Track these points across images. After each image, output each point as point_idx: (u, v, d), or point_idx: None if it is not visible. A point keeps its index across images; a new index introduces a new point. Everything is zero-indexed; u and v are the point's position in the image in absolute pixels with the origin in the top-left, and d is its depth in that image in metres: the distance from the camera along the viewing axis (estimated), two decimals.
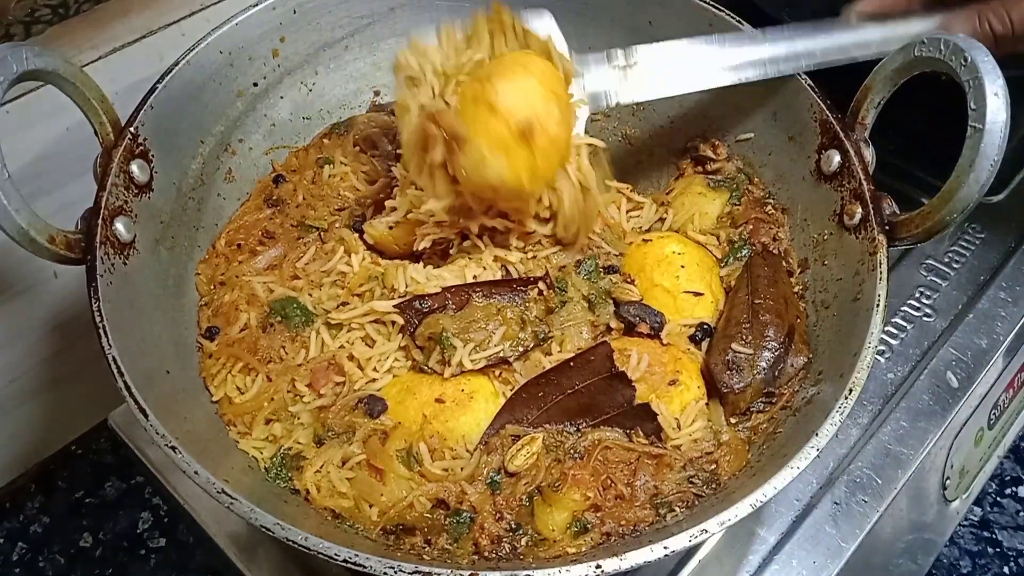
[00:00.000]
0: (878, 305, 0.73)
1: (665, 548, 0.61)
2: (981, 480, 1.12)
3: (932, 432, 0.94)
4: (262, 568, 0.85)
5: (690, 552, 0.83)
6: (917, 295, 1.06)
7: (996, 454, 1.14)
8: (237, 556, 0.86)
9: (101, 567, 1.13)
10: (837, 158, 0.83)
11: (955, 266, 1.09)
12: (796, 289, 0.86)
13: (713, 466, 0.75)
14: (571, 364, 0.77)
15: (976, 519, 1.24)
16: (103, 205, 0.75)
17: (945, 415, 0.96)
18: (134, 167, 0.80)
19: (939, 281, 1.07)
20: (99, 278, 0.72)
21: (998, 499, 1.26)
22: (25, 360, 1.05)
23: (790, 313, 0.80)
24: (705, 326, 0.83)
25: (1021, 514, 1.24)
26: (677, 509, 0.72)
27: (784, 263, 0.87)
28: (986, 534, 1.22)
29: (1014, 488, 1.27)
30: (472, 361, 0.78)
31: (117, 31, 0.94)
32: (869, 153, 0.82)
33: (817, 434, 0.66)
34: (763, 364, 0.77)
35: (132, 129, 0.80)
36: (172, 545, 1.16)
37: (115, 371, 0.67)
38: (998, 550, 1.21)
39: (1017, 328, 1.03)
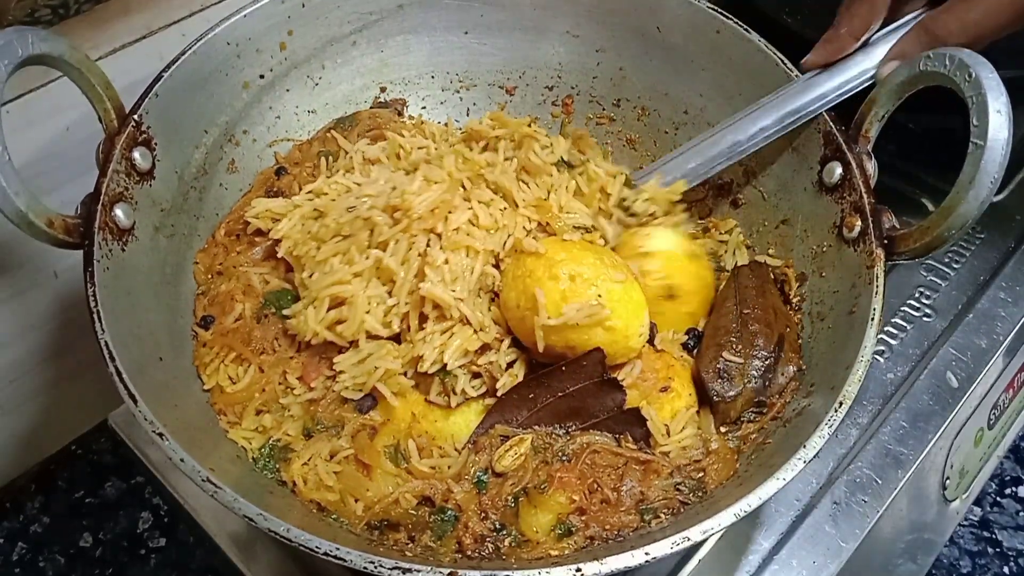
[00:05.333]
0: (872, 319, 0.73)
1: (647, 554, 0.61)
2: (981, 480, 1.11)
3: (932, 432, 0.94)
4: (262, 568, 0.85)
5: (690, 552, 0.83)
6: (917, 295, 1.06)
7: (996, 454, 1.13)
8: (237, 556, 0.85)
9: (101, 567, 1.13)
10: (839, 170, 0.83)
11: (955, 266, 1.09)
12: (794, 300, 0.86)
13: (700, 474, 0.74)
14: (563, 368, 0.77)
15: (976, 519, 1.23)
16: (103, 191, 0.75)
17: (945, 415, 0.95)
18: (136, 154, 0.80)
19: (939, 281, 1.07)
20: (96, 263, 0.72)
21: (998, 499, 1.26)
22: (25, 360, 1.05)
23: (779, 323, 0.80)
24: (697, 333, 0.83)
25: (1021, 514, 1.24)
26: (662, 515, 0.72)
27: (780, 274, 0.87)
28: (986, 534, 1.22)
29: (1014, 488, 1.27)
30: (473, 388, 0.78)
31: (117, 31, 0.94)
32: (871, 166, 0.81)
33: (805, 446, 0.66)
34: (753, 373, 0.77)
35: (136, 117, 0.80)
36: (172, 545, 1.15)
37: (107, 356, 0.67)
38: (998, 550, 1.21)
39: (1017, 328, 1.03)
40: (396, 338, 0.80)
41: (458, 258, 0.79)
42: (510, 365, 0.79)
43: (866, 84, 0.85)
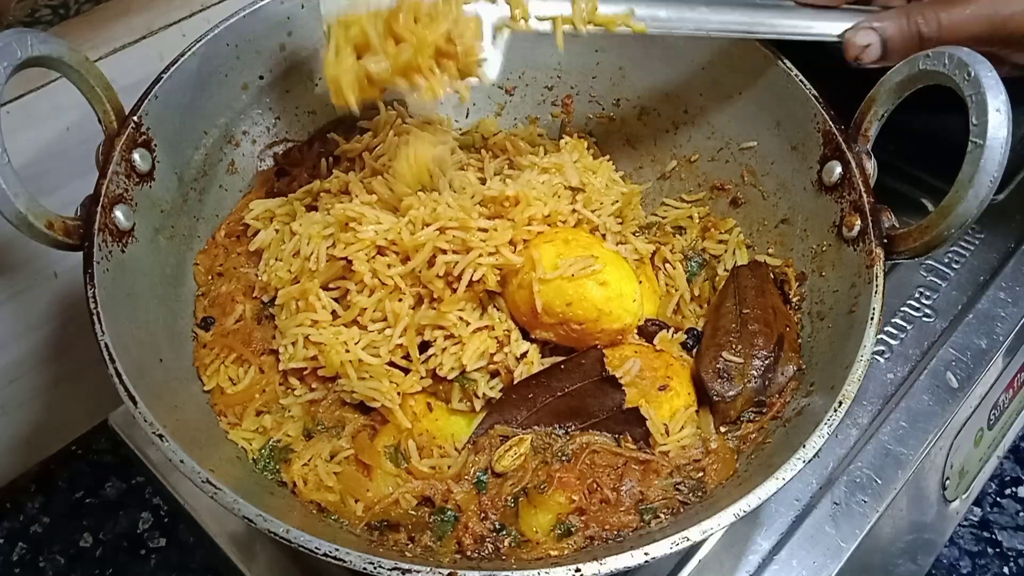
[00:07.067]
0: (872, 318, 0.73)
1: (646, 554, 0.61)
2: (981, 480, 1.11)
3: (932, 432, 0.94)
4: (262, 568, 0.85)
5: (690, 551, 0.83)
6: (917, 295, 1.06)
7: (996, 454, 1.14)
8: (237, 556, 0.86)
9: (101, 567, 1.13)
10: (838, 169, 0.83)
11: (955, 266, 1.09)
12: (794, 300, 0.86)
13: (700, 474, 0.74)
14: (562, 367, 0.77)
15: (976, 519, 1.24)
16: (103, 192, 0.76)
17: (945, 415, 0.95)
18: (136, 156, 0.80)
19: (939, 281, 1.07)
20: (95, 265, 0.72)
21: (998, 499, 1.26)
22: (25, 360, 1.05)
23: (779, 322, 0.80)
24: (697, 333, 0.83)
25: (1021, 514, 1.24)
26: (662, 515, 0.72)
27: (779, 273, 0.87)
28: (986, 534, 1.22)
29: (1014, 488, 1.27)
30: (491, 388, 0.78)
31: (117, 32, 0.94)
32: (871, 165, 0.81)
33: (804, 446, 0.66)
34: (753, 372, 0.77)
35: (135, 118, 0.80)
36: (172, 545, 1.16)
37: (107, 357, 0.68)
38: (998, 550, 1.21)
39: (1017, 328, 1.03)
40: None
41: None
42: (523, 356, 0.79)
43: (832, 41, 0.85)
